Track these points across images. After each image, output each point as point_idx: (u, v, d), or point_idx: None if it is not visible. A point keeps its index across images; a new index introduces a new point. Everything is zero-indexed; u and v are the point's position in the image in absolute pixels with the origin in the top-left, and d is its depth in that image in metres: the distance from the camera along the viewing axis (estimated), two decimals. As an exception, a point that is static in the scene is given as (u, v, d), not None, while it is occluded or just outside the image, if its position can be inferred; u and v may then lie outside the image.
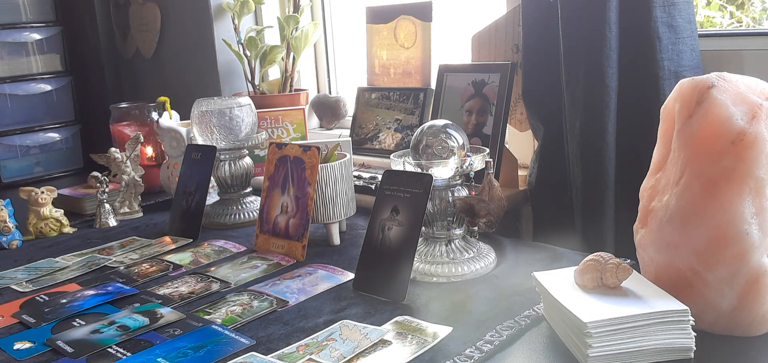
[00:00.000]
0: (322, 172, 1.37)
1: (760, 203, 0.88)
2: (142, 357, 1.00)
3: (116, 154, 1.75)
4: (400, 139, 1.84)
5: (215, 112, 1.60)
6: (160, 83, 2.54)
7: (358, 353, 0.95)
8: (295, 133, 1.95)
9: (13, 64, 2.46)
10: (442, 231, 1.23)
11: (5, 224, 1.58)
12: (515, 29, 1.57)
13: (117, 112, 2.07)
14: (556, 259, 1.25)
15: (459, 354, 0.93)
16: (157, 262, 1.41)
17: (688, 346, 0.86)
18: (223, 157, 1.63)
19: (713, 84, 0.90)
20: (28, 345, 1.07)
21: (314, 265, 1.32)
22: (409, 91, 1.86)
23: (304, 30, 2.05)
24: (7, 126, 2.46)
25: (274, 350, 0.99)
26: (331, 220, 1.41)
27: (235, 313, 1.12)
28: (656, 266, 0.96)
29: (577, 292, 0.94)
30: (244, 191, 1.67)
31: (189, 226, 1.56)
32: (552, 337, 0.97)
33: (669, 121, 0.98)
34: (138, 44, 2.62)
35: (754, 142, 0.87)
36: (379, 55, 1.95)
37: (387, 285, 1.14)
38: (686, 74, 1.25)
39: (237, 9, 2.10)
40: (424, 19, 1.83)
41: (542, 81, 1.46)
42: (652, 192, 0.99)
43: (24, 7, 2.48)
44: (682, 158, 0.92)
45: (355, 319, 1.07)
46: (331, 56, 2.32)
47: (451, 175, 1.21)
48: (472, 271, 1.19)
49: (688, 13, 1.27)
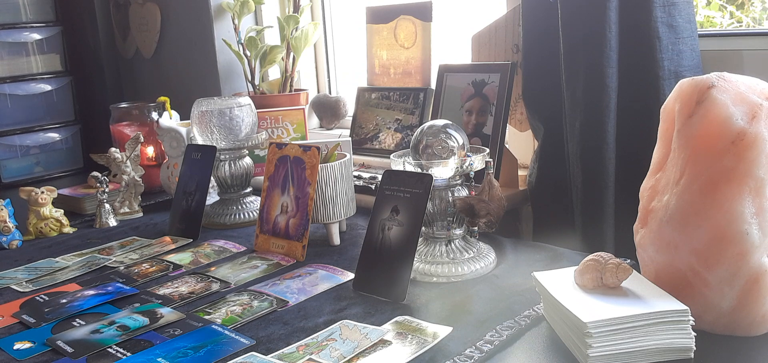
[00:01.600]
0: (322, 172, 1.37)
1: (760, 203, 0.88)
2: (142, 357, 1.00)
3: (116, 154, 1.75)
4: (400, 139, 1.84)
5: (215, 112, 1.61)
6: (160, 83, 2.54)
7: (358, 353, 0.95)
8: (295, 133, 1.95)
9: (13, 64, 2.46)
10: (442, 231, 1.23)
11: (5, 224, 1.58)
12: (515, 29, 1.57)
13: (117, 112, 2.07)
14: (556, 259, 1.25)
15: (459, 354, 0.93)
16: (157, 262, 1.41)
17: (688, 346, 0.86)
18: (223, 157, 1.63)
19: (713, 84, 0.90)
20: (28, 345, 1.07)
21: (314, 265, 1.32)
22: (409, 91, 1.86)
23: (304, 30, 2.05)
24: (7, 126, 2.46)
25: (274, 350, 0.99)
26: (331, 220, 1.41)
27: (235, 313, 1.12)
28: (656, 266, 0.96)
29: (577, 292, 0.94)
30: (244, 191, 1.67)
31: (189, 226, 1.56)
32: (552, 337, 0.97)
33: (669, 121, 0.98)
34: (138, 44, 2.62)
35: (754, 142, 0.87)
36: (379, 55, 1.95)
37: (387, 285, 1.14)
38: (686, 74, 1.25)
39: (237, 9, 2.10)
40: (424, 19, 1.83)
41: (542, 81, 1.46)
42: (652, 192, 0.99)
43: (24, 7, 2.48)
44: (682, 158, 0.92)
45: (355, 319, 1.07)
46: (331, 56, 2.32)
47: (451, 175, 1.21)
48: (472, 271, 1.19)
49: (688, 13, 1.27)
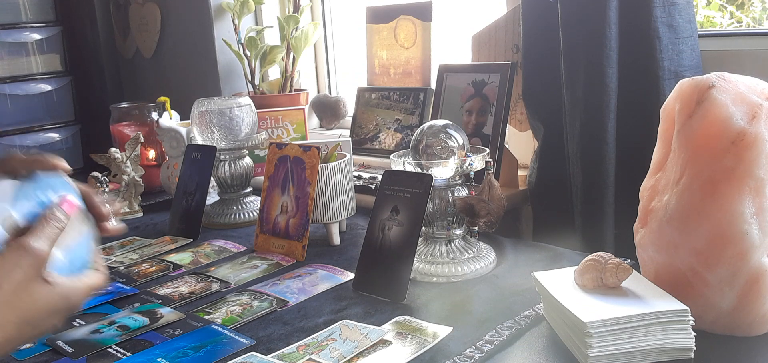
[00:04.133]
0: (322, 172, 1.37)
1: (760, 203, 0.88)
2: (142, 357, 1.00)
3: (116, 154, 1.75)
4: (400, 139, 1.84)
5: (215, 112, 1.61)
6: (160, 83, 2.54)
7: (358, 353, 0.95)
8: (295, 133, 1.95)
9: (13, 64, 2.46)
10: (442, 231, 1.23)
11: None
12: (515, 29, 1.57)
13: (117, 112, 2.07)
14: (556, 259, 1.25)
15: (459, 354, 0.93)
16: (157, 262, 1.41)
17: (688, 346, 0.86)
18: (223, 157, 1.63)
19: (713, 84, 0.90)
20: (28, 345, 1.07)
21: (314, 265, 1.32)
22: (409, 91, 1.86)
23: (304, 30, 2.05)
24: (7, 126, 2.46)
25: (274, 350, 0.99)
26: (331, 220, 1.41)
27: (235, 313, 1.12)
28: (656, 266, 0.96)
29: (577, 292, 0.94)
30: (244, 191, 1.67)
31: (189, 226, 1.56)
32: (552, 337, 0.97)
33: (669, 121, 0.98)
34: (138, 44, 2.62)
35: (754, 142, 0.87)
36: (379, 55, 1.95)
37: (387, 285, 1.14)
38: (686, 74, 1.25)
39: (237, 9, 2.10)
40: (424, 19, 1.83)
41: (542, 81, 1.46)
42: (652, 192, 0.99)
43: (24, 7, 2.48)
44: (682, 158, 0.92)
45: (355, 319, 1.07)
46: (331, 56, 2.32)
47: (451, 175, 1.21)
48: (472, 271, 1.19)
49: (688, 13, 1.27)
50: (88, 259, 0.76)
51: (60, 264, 0.71)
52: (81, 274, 0.74)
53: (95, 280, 0.75)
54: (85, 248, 0.75)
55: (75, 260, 0.73)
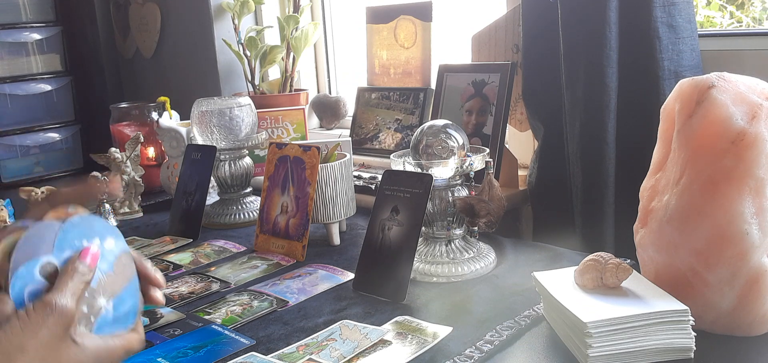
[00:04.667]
0: (322, 172, 1.37)
1: (760, 203, 0.88)
2: (142, 357, 1.00)
3: (116, 154, 1.75)
4: (400, 139, 1.84)
5: (215, 112, 1.61)
6: (160, 83, 2.54)
7: (358, 353, 0.95)
8: (295, 133, 1.95)
9: (13, 64, 2.46)
10: (442, 231, 1.23)
11: (5, 224, 1.58)
12: (515, 29, 1.57)
13: (117, 112, 2.07)
14: (556, 259, 1.25)
15: (459, 354, 0.93)
16: (157, 262, 1.41)
17: (688, 346, 0.86)
18: (223, 157, 1.63)
19: (713, 84, 0.90)
20: None
21: (314, 265, 1.32)
22: (409, 91, 1.86)
23: (304, 30, 2.05)
24: (7, 126, 2.46)
25: (274, 350, 0.99)
26: (331, 220, 1.41)
27: (235, 313, 1.12)
28: (656, 266, 0.96)
29: (577, 292, 0.94)
30: (244, 191, 1.67)
31: (189, 226, 1.56)
32: (552, 337, 0.97)
33: (669, 121, 0.98)
34: (138, 44, 2.62)
35: (754, 142, 0.87)
36: (379, 55, 1.95)
37: (387, 285, 1.14)
38: (686, 74, 1.25)
39: (237, 9, 2.10)
40: (424, 19, 1.83)
41: (542, 81, 1.46)
42: (652, 192, 0.99)
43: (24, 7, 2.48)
44: (682, 158, 0.92)
45: (355, 319, 1.07)
46: (331, 56, 2.32)
47: (451, 175, 1.21)
48: (472, 271, 1.19)
49: (688, 13, 1.27)
50: (135, 311, 0.69)
51: (104, 313, 0.65)
52: (123, 329, 0.68)
53: (132, 341, 0.68)
54: (132, 297, 0.69)
55: (120, 310, 0.67)
